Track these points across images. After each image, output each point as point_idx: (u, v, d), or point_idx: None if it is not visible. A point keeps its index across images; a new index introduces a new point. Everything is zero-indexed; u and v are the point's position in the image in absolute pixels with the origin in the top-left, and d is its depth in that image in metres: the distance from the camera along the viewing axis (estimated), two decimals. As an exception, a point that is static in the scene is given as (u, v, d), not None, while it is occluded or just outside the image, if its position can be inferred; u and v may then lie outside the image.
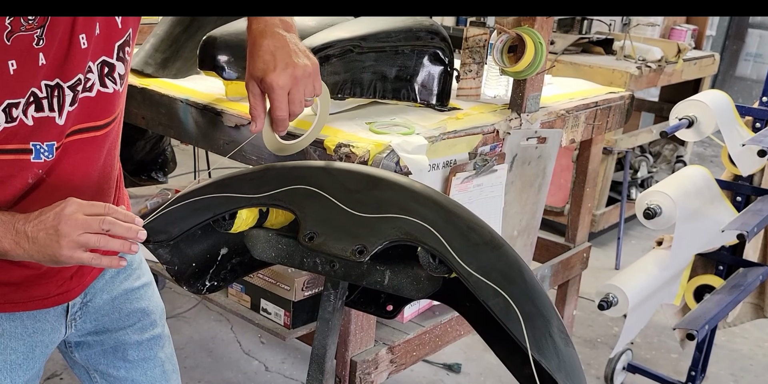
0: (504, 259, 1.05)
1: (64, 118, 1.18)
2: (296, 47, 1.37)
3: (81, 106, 1.21)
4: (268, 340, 2.92)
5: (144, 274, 1.52)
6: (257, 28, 1.37)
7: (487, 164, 1.89)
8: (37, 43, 1.11)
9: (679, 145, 4.54)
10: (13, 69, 1.09)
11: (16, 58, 1.09)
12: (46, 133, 1.17)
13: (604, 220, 3.98)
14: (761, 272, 2.46)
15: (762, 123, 2.45)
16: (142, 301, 1.50)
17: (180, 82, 2.08)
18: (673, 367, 2.97)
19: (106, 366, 1.49)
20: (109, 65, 1.23)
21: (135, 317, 1.48)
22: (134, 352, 1.49)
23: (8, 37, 1.07)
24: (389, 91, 1.90)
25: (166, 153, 3.00)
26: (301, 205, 1.15)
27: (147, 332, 1.51)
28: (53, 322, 1.36)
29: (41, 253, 1.08)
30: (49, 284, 1.31)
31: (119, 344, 1.47)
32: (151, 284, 1.54)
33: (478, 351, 2.91)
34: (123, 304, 1.46)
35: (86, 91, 1.21)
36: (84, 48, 1.17)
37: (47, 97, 1.15)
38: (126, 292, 1.47)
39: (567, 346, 1.03)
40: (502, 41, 1.95)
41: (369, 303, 1.34)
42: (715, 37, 6.35)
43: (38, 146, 1.17)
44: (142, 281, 1.51)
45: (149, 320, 1.51)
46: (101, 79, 1.23)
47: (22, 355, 1.32)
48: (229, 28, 1.89)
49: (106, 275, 1.43)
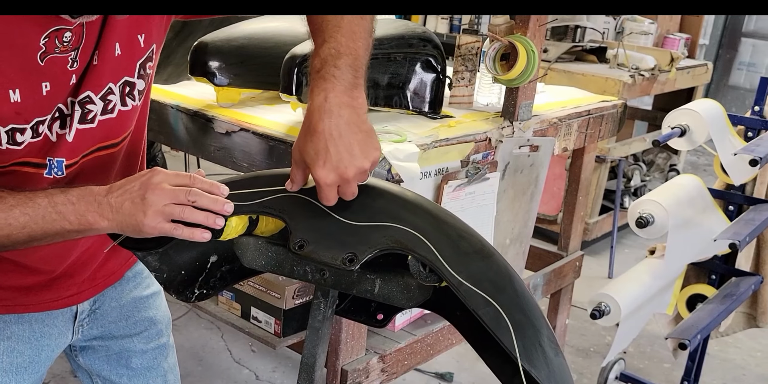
0: (494, 267, 1.05)
1: (73, 135, 1.17)
2: (360, 137, 1.09)
3: (101, 127, 1.20)
4: (259, 349, 2.90)
5: (153, 283, 1.52)
6: (318, 96, 1.10)
7: (479, 172, 1.89)
8: (71, 66, 1.11)
9: (672, 153, 4.54)
10: (47, 90, 1.09)
11: (51, 81, 1.09)
12: (59, 150, 1.17)
13: (598, 228, 3.97)
14: (753, 281, 2.46)
15: (754, 132, 2.45)
16: (150, 310, 1.50)
17: (171, 88, 2.07)
18: (665, 376, 2.96)
19: (109, 372, 1.49)
20: (130, 84, 1.22)
21: (142, 326, 1.49)
22: (138, 361, 1.49)
23: (42, 58, 1.07)
24: (381, 98, 1.89)
25: (157, 159, 3.00)
26: (291, 213, 1.14)
27: (153, 341, 1.51)
28: (61, 327, 1.36)
29: (125, 223, 1.05)
30: (60, 288, 1.32)
31: (124, 351, 1.47)
32: (159, 293, 1.54)
33: (470, 360, 2.89)
34: (131, 312, 1.47)
35: (107, 113, 1.20)
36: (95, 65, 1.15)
37: (70, 115, 1.15)
38: (135, 301, 1.47)
39: (557, 356, 1.02)
40: (495, 49, 1.95)
41: (359, 312, 1.33)
42: (709, 46, 6.38)
43: (52, 162, 1.17)
44: (152, 290, 1.52)
45: (156, 330, 1.51)
46: (122, 98, 1.22)
47: (28, 358, 1.33)
48: (221, 33, 1.88)
49: (117, 283, 1.43)
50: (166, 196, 1.05)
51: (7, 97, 1.05)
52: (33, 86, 1.08)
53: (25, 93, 1.06)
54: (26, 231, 1.05)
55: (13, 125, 1.08)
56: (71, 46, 1.09)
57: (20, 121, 1.08)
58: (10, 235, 1.05)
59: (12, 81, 1.05)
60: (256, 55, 1.90)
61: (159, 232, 1.06)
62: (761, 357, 3.18)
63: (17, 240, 1.06)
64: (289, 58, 1.72)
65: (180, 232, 1.06)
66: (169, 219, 1.05)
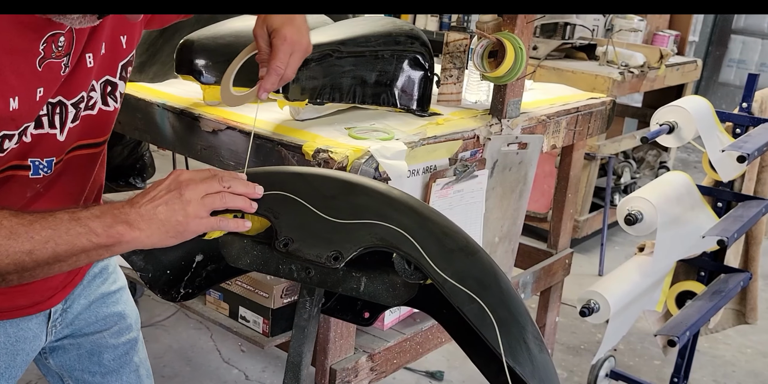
0: (479, 265, 1.04)
1: (65, 134, 1.17)
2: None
3: (83, 124, 1.20)
4: (249, 349, 2.89)
5: (119, 278, 1.53)
6: None
7: (467, 170, 1.88)
8: (63, 71, 1.12)
9: (662, 150, 4.55)
10: (39, 96, 1.09)
11: (45, 86, 1.09)
12: (46, 150, 1.16)
13: (588, 226, 3.98)
14: (742, 278, 2.46)
15: (742, 129, 2.45)
16: (118, 305, 1.50)
17: (157, 87, 2.06)
18: (656, 373, 2.97)
19: (81, 371, 1.48)
20: (111, 84, 1.23)
21: (112, 321, 1.48)
22: (110, 356, 1.49)
23: (40, 63, 1.07)
24: (369, 96, 1.88)
25: (145, 158, 2.98)
26: (276, 212, 1.13)
27: (123, 336, 1.51)
28: (35, 330, 1.35)
29: (164, 229, 1.02)
30: (35, 293, 1.31)
31: (95, 348, 1.47)
32: (126, 288, 1.55)
33: (460, 359, 2.89)
34: (100, 308, 1.47)
35: (88, 109, 1.21)
36: (89, 67, 1.17)
37: (47, 114, 1.14)
38: (103, 296, 1.47)
39: (541, 353, 1.02)
40: (483, 46, 1.94)
41: (345, 310, 1.32)
42: (698, 43, 6.39)
43: (37, 162, 1.16)
44: (118, 285, 1.52)
45: (125, 324, 1.51)
46: (103, 97, 1.23)
47: (4, 364, 1.31)
48: (207, 31, 1.87)
49: (84, 280, 1.43)
50: (201, 188, 1.04)
51: (7, 106, 1.04)
52: (29, 92, 1.07)
53: (22, 100, 1.06)
54: (50, 246, 0.98)
55: (5, 132, 1.07)
56: (64, 51, 1.10)
57: (12, 127, 1.07)
58: (33, 251, 0.97)
59: (13, 88, 1.04)
60: (243, 53, 1.89)
61: (205, 227, 1.04)
62: (751, 353, 3.19)
63: (40, 258, 0.98)
64: (275, 56, 1.71)
65: (226, 223, 1.06)
66: (210, 210, 1.04)
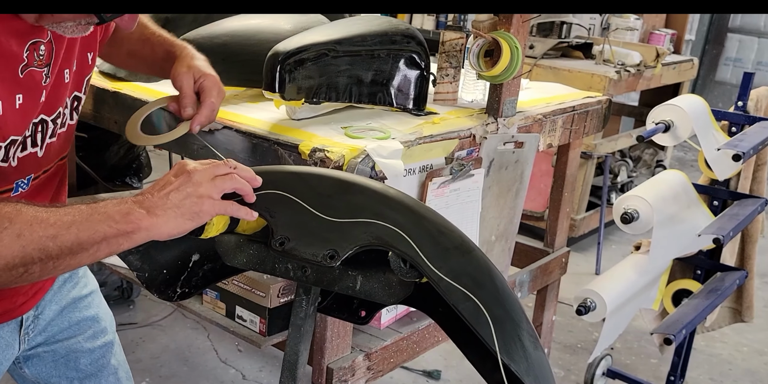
0: (474, 263, 1.05)
1: (44, 150, 1.19)
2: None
3: (58, 140, 1.23)
4: (246, 348, 2.89)
5: (90, 282, 1.51)
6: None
7: (463, 169, 1.88)
8: (44, 81, 1.13)
9: (659, 149, 4.55)
10: (19, 103, 1.09)
11: (24, 93, 1.09)
12: (28, 168, 1.18)
13: (585, 225, 3.98)
14: (738, 276, 2.47)
15: (737, 127, 2.46)
16: (91, 308, 1.49)
17: (153, 86, 2.05)
18: (652, 372, 2.97)
19: (59, 378, 1.46)
20: (78, 99, 1.27)
21: (86, 325, 1.47)
22: (86, 361, 1.47)
23: (22, 70, 1.07)
24: (365, 95, 1.88)
25: (141, 158, 2.98)
26: (272, 210, 1.14)
27: (99, 339, 1.49)
28: (7, 338, 1.33)
29: (179, 213, 1.03)
30: (7, 301, 1.29)
31: (71, 353, 1.45)
32: (97, 292, 1.53)
33: (458, 357, 2.89)
34: (72, 312, 1.45)
35: (62, 126, 1.23)
36: (66, 83, 1.20)
37: (31, 136, 1.16)
38: (75, 301, 1.46)
39: (536, 350, 1.03)
40: (479, 45, 1.95)
41: (342, 309, 1.33)
42: (695, 41, 6.40)
43: (20, 182, 1.17)
44: (89, 289, 1.50)
45: (100, 327, 1.50)
46: (71, 112, 1.26)
47: None
48: (203, 31, 1.87)
49: (54, 286, 1.41)
50: (209, 170, 1.06)
51: None
52: (10, 98, 1.07)
53: (4, 106, 1.06)
54: (73, 231, 0.97)
55: None
56: (45, 60, 1.11)
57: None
58: (57, 237, 0.97)
59: None
60: (239, 52, 1.89)
61: (218, 209, 1.06)
62: (747, 352, 3.20)
63: (64, 244, 0.97)
64: (271, 56, 1.72)
65: (237, 208, 1.08)
66: (221, 192, 1.06)
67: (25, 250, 0.95)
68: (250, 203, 1.13)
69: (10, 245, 0.94)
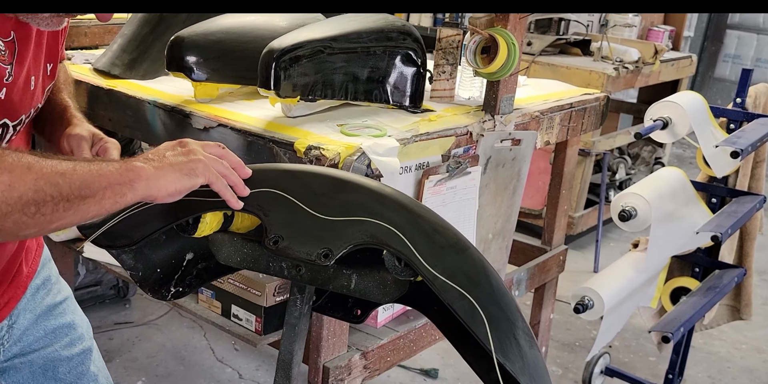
0: (469, 261, 1.04)
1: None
2: None
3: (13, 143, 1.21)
4: (242, 347, 2.88)
5: (63, 288, 1.48)
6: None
7: (460, 167, 1.87)
8: (7, 78, 1.11)
9: (657, 146, 4.55)
10: None
11: None
12: None
13: (583, 222, 3.97)
14: (736, 274, 2.46)
15: (736, 124, 2.45)
16: (66, 315, 1.45)
17: (147, 84, 2.04)
18: (651, 370, 2.97)
19: None
20: (36, 110, 1.26)
21: (62, 332, 1.43)
22: (65, 369, 1.43)
23: None
24: (361, 92, 1.87)
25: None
26: (266, 209, 1.13)
27: (76, 347, 1.45)
28: None
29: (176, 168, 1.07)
30: None
31: (48, 362, 1.41)
32: (72, 298, 1.49)
33: (455, 356, 2.87)
34: (47, 320, 1.41)
35: (18, 133, 1.22)
36: (32, 90, 1.18)
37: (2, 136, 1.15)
38: (49, 308, 1.42)
39: (532, 349, 1.02)
40: (475, 42, 1.93)
41: (337, 308, 1.32)
42: (693, 38, 6.39)
43: None
44: (63, 295, 1.47)
45: (76, 334, 1.46)
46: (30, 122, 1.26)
47: None
48: (197, 28, 1.86)
49: (27, 293, 1.38)
50: (200, 144, 1.13)
51: None
52: None
53: None
54: (79, 171, 0.99)
55: None
56: (8, 58, 1.10)
57: None
58: (65, 174, 0.98)
59: None
60: (234, 49, 1.88)
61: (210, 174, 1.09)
62: (746, 349, 3.19)
63: (73, 182, 0.98)
64: (266, 53, 1.70)
65: (223, 184, 1.11)
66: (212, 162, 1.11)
67: (37, 183, 0.95)
68: (244, 198, 1.13)
69: (22, 176, 0.94)
